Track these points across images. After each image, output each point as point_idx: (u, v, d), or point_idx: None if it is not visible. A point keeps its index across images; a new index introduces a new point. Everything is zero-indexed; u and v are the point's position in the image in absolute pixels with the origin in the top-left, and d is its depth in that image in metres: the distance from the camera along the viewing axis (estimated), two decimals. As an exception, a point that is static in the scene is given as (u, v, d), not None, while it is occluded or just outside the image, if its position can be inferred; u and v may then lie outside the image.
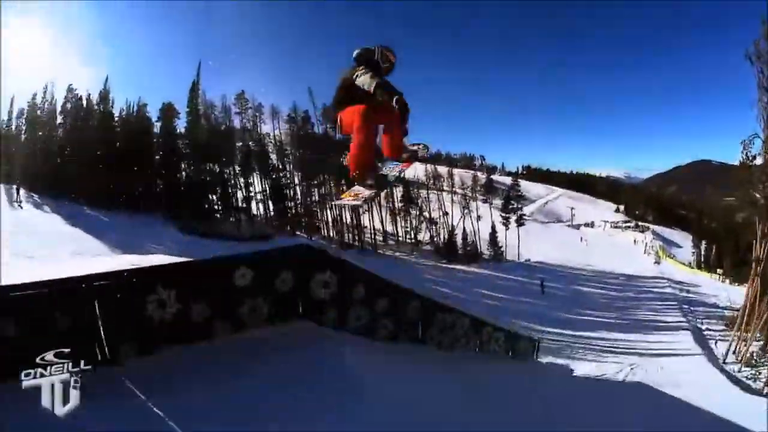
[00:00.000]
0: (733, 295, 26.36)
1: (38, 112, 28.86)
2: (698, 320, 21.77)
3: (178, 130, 32.27)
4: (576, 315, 20.83)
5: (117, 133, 30.12)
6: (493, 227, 36.39)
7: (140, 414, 3.08)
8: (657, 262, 38.22)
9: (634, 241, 43.40)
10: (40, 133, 28.34)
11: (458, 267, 32.87)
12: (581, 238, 42.97)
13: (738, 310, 21.35)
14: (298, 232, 33.37)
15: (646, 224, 47.78)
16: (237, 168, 33.70)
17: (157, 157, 31.20)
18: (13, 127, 28.34)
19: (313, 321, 5.09)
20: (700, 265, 41.11)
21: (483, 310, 21.27)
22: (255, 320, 4.76)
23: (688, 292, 29.04)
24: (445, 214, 38.16)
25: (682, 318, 21.55)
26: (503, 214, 38.13)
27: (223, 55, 44.40)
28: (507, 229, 36.80)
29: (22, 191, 24.71)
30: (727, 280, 34.34)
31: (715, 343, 17.59)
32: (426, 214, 37.96)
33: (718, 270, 37.58)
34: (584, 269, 33.98)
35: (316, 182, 34.62)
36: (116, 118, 30.84)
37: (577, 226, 46.00)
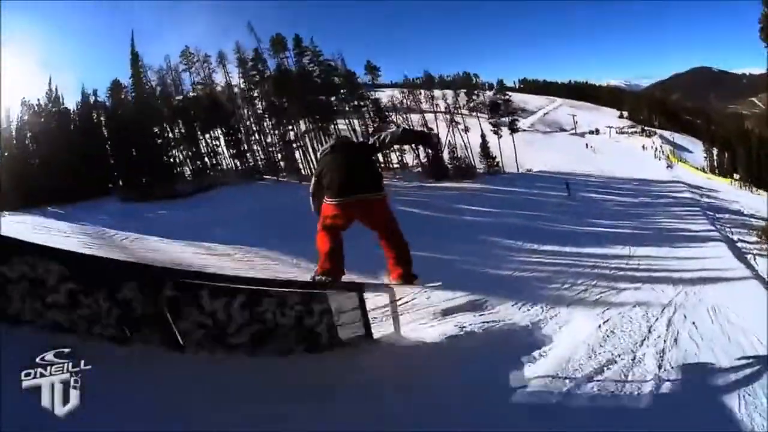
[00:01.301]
0: (755, 202, 24.20)
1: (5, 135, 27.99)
2: (727, 229, 18.26)
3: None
4: (584, 226, 16.96)
5: (76, 127, 28.91)
6: (483, 137, 32.49)
7: None
8: (669, 167, 35.46)
9: (643, 146, 39.83)
10: (6, 153, 27.49)
11: (447, 184, 29.49)
12: (587, 145, 39.25)
13: (766, 219, 19.23)
14: (267, 176, 30.54)
15: (653, 129, 43.95)
16: (195, 125, 31.15)
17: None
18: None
19: None
20: (713, 170, 37.95)
21: (457, 228, 17.89)
22: None
23: (708, 197, 25.99)
24: (430, 130, 33.76)
25: (710, 226, 18.01)
26: (492, 121, 33.80)
27: (157, 16, 39.80)
28: (499, 137, 32.88)
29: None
30: (745, 187, 31.89)
31: (754, 258, 13.78)
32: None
33: (734, 175, 34.88)
34: (592, 175, 30.74)
35: (285, 121, 31.54)
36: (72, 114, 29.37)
37: (582, 134, 41.88)
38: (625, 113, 48.66)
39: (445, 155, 32.41)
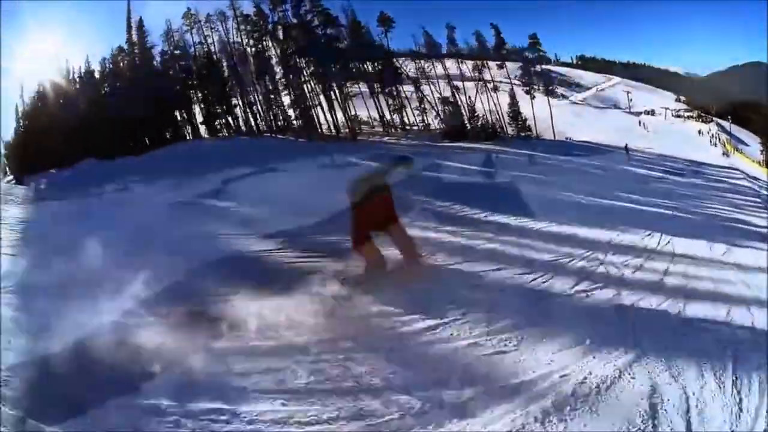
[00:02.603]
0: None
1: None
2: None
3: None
4: (606, 199, 13.29)
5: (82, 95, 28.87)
6: (512, 96, 29.33)
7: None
8: (725, 154, 32.76)
9: (699, 131, 36.99)
10: (28, 123, 28.45)
11: (460, 145, 26.76)
12: (639, 122, 36.61)
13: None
14: (267, 134, 29.56)
15: (710, 116, 40.74)
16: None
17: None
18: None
19: None
20: (770, 167, 34.45)
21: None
22: None
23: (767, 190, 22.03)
24: (456, 89, 30.55)
25: (772, 222, 14.03)
26: (525, 79, 30.29)
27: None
28: (532, 98, 29.63)
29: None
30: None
31: None
32: (425, 90, 30.72)
33: (795, 177, 31.42)
34: (641, 151, 28.08)
35: (291, 78, 29.81)
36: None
37: (637, 113, 38.96)
38: (683, 98, 44.34)
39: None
